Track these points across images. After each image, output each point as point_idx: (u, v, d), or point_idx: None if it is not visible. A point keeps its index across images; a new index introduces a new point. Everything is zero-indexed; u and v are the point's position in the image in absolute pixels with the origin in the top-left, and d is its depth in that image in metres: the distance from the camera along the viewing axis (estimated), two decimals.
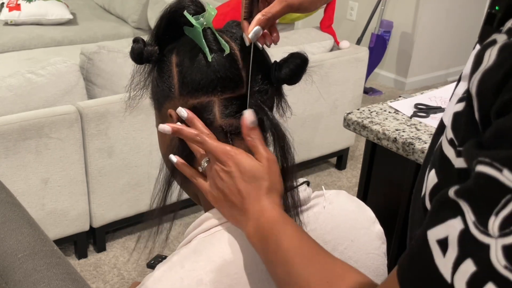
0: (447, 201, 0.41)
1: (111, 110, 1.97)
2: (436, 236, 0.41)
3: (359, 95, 2.75)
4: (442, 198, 0.42)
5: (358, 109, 1.40)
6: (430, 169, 0.53)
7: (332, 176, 2.87)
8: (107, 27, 3.62)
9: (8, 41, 3.24)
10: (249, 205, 0.64)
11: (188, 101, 0.67)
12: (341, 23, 4.19)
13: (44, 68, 1.95)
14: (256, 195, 0.64)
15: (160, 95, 0.71)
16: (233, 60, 0.67)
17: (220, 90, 0.67)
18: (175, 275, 0.63)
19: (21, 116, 1.83)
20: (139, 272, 2.13)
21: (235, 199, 0.65)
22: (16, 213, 1.01)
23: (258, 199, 0.64)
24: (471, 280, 0.38)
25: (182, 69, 0.68)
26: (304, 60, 0.70)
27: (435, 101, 1.44)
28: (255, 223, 0.63)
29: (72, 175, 1.99)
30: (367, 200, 1.52)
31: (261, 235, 0.62)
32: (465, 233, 0.39)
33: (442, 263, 0.40)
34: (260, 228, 0.62)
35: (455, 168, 0.48)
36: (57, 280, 0.86)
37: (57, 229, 2.04)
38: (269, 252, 0.61)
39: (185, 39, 0.69)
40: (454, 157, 0.48)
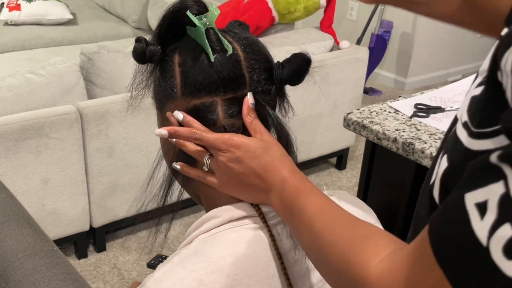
0: (488, 166, 0.41)
1: (111, 110, 1.97)
2: (475, 199, 0.41)
3: (359, 95, 2.75)
4: (482, 163, 0.42)
5: (358, 109, 1.40)
6: (442, 155, 0.54)
7: (332, 176, 2.87)
8: (107, 27, 3.62)
9: (8, 41, 3.24)
10: (269, 179, 0.64)
11: (190, 101, 0.67)
12: (341, 23, 4.19)
13: (44, 68, 1.95)
14: (272, 168, 0.65)
15: (162, 95, 0.70)
16: (236, 60, 0.67)
17: (222, 91, 0.66)
18: (175, 275, 0.63)
19: (21, 116, 1.83)
20: (139, 272, 2.13)
21: (253, 180, 0.65)
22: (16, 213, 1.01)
23: (275, 170, 0.64)
24: (508, 245, 0.38)
25: (184, 69, 0.68)
26: (307, 61, 0.70)
27: (435, 101, 1.43)
28: (280, 194, 0.64)
29: (72, 175, 1.99)
30: (367, 200, 1.52)
31: (287, 204, 0.63)
32: (506, 197, 0.39)
33: (479, 226, 0.40)
34: (285, 199, 0.63)
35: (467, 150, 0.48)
36: (57, 280, 0.86)
37: (57, 229, 2.04)
38: (295, 219, 0.62)
39: (188, 38, 0.69)
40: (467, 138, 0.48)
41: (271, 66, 0.70)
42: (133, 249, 2.25)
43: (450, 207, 0.43)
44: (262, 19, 2.65)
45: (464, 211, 0.41)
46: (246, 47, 0.69)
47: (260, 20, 2.63)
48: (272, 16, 2.69)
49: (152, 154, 2.11)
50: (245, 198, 0.68)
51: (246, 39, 0.70)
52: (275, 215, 0.69)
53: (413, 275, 0.47)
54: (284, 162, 0.65)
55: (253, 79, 0.68)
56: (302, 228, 0.61)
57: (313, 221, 0.59)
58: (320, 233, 0.58)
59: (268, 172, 0.64)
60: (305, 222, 0.60)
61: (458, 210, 0.42)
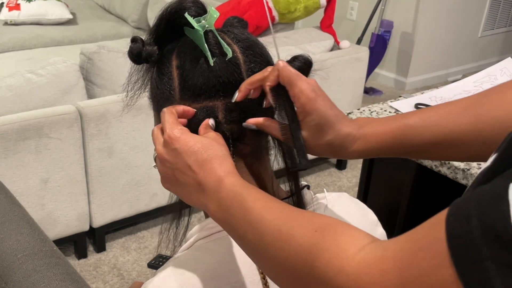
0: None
1: (111, 110, 1.97)
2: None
3: (359, 95, 2.75)
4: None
5: (358, 109, 1.40)
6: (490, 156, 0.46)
7: (332, 176, 2.87)
8: (107, 27, 3.62)
9: (7, 41, 3.24)
10: (204, 178, 0.59)
11: (189, 105, 0.66)
12: (341, 23, 4.19)
13: (44, 68, 1.95)
14: (209, 166, 0.59)
15: (160, 97, 0.69)
16: (236, 64, 0.66)
17: (222, 95, 0.65)
18: (174, 282, 0.63)
19: (21, 116, 1.83)
20: (139, 272, 2.13)
21: (188, 178, 0.60)
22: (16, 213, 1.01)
23: (212, 169, 0.58)
24: None
25: (182, 72, 0.66)
26: (308, 64, 0.69)
27: (435, 101, 1.43)
28: (216, 196, 0.57)
29: (71, 175, 1.99)
30: (367, 200, 1.51)
31: (225, 204, 0.56)
32: None
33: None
34: (222, 200, 0.57)
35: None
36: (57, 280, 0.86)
37: (57, 229, 2.04)
38: (236, 218, 0.55)
39: (185, 39, 0.68)
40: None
41: None
42: (133, 249, 2.25)
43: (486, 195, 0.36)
44: (262, 19, 2.64)
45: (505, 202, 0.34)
46: (245, 49, 0.67)
47: (260, 20, 2.63)
48: (272, 16, 2.69)
49: (152, 154, 2.11)
50: (182, 198, 0.64)
51: (246, 40, 0.68)
52: None
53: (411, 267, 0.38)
54: (222, 162, 0.59)
55: None
56: (245, 226, 0.53)
57: (261, 216, 0.52)
58: (270, 227, 0.51)
59: (204, 171, 0.59)
60: (249, 219, 0.53)
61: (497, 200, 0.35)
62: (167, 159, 0.62)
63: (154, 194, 2.21)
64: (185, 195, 0.63)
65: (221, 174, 0.58)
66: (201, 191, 0.59)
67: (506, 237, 0.33)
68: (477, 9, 4.18)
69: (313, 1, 2.68)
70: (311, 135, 0.64)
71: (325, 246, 0.45)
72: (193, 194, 0.61)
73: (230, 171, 0.59)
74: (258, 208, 0.53)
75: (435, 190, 1.35)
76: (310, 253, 0.46)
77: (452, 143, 0.63)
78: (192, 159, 0.60)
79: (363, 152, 0.66)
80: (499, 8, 4.33)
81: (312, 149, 0.66)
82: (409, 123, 0.65)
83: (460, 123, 0.63)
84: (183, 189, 0.62)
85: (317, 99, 0.63)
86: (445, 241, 0.36)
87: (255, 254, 0.54)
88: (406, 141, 0.64)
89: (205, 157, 0.59)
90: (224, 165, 0.59)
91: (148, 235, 2.33)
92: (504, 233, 0.33)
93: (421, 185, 1.35)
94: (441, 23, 4.00)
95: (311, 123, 0.64)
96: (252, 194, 0.55)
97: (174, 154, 0.61)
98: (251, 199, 0.55)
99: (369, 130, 0.65)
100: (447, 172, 1.15)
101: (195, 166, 0.59)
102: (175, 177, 0.62)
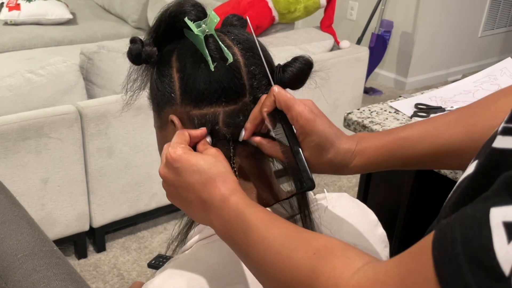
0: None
1: (111, 110, 1.97)
2: (503, 217, 0.34)
3: (359, 95, 2.75)
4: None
5: (358, 109, 1.40)
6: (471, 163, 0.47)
7: (332, 176, 2.87)
8: (107, 27, 3.62)
9: (7, 41, 3.24)
10: (208, 197, 0.59)
11: (191, 110, 0.66)
12: (341, 23, 4.19)
13: (44, 68, 1.95)
14: (212, 185, 0.59)
15: (160, 99, 0.69)
16: (236, 68, 0.65)
17: (224, 101, 0.65)
18: (174, 283, 0.62)
19: (21, 116, 1.83)
20: (139, 272, 2.13)
21: (191, 196, 0.60)
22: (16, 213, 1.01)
23: (215, 187, 0.59)
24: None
25: (183, 76, 0.66)
26: (308, 65, 0.68)
27: (435, 101, 1.43)
28: (220, 214, 0.58)
29: (71, 175, 1.99)
30: (367, 201, 1.51)
31: (228, 225, 0.57)
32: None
33: (504, 251, 0.33)
34: (225, 218, 0.57)
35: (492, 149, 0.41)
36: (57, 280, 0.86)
37: (57, 229, 2.04)
38: (239, 237, 0.56)
39: (186, 41, 0.67)
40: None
41: (272, 69, 0.68)
42: (133, 249, 2.25)
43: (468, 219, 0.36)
44: (262, 19, 2.64)
45: (486, 228, 0.34)
46: (246, 51, 0.67)
47: (260, 20, 2.63)
48: (272, 16, 2.69)
49: (152, 154, 2.11)
50: (188, 214, 0.65)
51: (246, 42, 0.68)
52: None
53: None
54: (225, 179, 0.59)
55: (253, 86, 0.66)
56: (247, 246, 0.55)
57: (262, 236, 0.53)
58: (271, 248, 0.52)
59: (207, 189, 0.59)
60: (251, 239, 0.54)
61: (478, 225, 0.35)
62: (169, 178, 0.62)
63: (154, 194, 2.21)
64: (189, 212, 0.63)
65: (225, 192, 0.58)
66: (206, 209, 0.60)
67: (489, 263, 0.33)
68: (477, 9, 4.18)
69: (313, 1, 2.68)
70: (313, 155, 0.65)
71: (322, 269, 0.47)
72: (198, 211, 0.61)
73: (233, 188, 0.59)
74: (259, 228, 0.54)
75: (435, 190, 1.35)
76: (308, 275, 0.48)
77: (447, 153, 0.65)
78: (195, 177, 0.60)
79: (362, 167, 0.67)
80: (499, 8, 4.33)
81: (314, 168, 0.66)
82: (404, 136, 0.66)
83: (454, 133, 0.65)
84: (188, 207, 0.62)
85: (316, 119, 0.65)
86: (432, 267, 0.37)
87: (257, 274, 0.56)
88: (402, 153, 0.66)
89: (208, 176, 0.59)
90: (228, 183, 0.59)
91: (148, 235, 2.33)
92: (487, 260, 0.34)
93: (421, 185, 1.35)
94: (441, 23, 4.00)
95: (312, 143, 0.65)
96: (253, 213, 0.56)
97: (176, 173, 0.61)
98: (252, 219, 0.55)
99: (366, 145, 0.67)
100: (447, 172, 1.15)
101: (198, 185, 0.60)
102: (179, 195, 0.62)
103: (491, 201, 0.36)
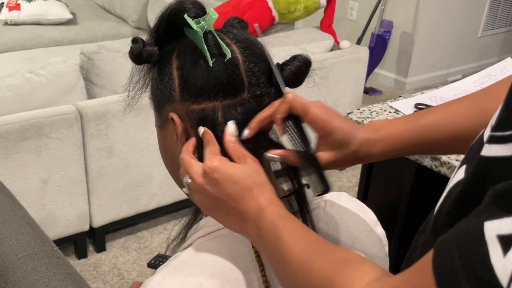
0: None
1: (111, 110, 1.97)
2: (497, 230, 0.35)
3: (359, 95, 2.75)
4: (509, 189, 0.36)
5: (358, 109, 1.40)
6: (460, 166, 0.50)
7: (332, 176, 2.87)
8: (107, 27, 3.62)
9: (7, 41, 3.24)
10: (245, 207, 0.61)
11: (190, 106, 0.66)
12: (341, 23, 4.19)
13: (44, 68, 1.95)
14: (250, 196, 0.61)
15: (160, 97, 0.70)
16: (235, 64, 0.66)
17: (222, 96, 0.65)
18: (174, 280, 0.63)
19: (21, 116, 1.83)
20: (139, 272, 2.13)
21: (229, 206, 0.61)
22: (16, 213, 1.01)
23: (253, 198, 0.60)
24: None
25: (183, 73, 0.67)
26: (306, 63, 0.69)
27: (435, 101, 1.43)
28: (256, 225, 0.60)
29: (71, 175, 1.99)
30: (367, 200, 1.52)
31: (263, 235, 0.59)
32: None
33: (500, 264, 0.34)
34: (261, 229, 0.59)
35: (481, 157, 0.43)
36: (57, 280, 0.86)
37: (57, 229, 2.04)
38: (271, 247, 0.58)
39: (186, 40, 0.68)
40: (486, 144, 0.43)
41: (271, 68, 0.69)
42: (133, 249, 2.25)
43: (464, 235, 0.37)
44: (262, 19, 2.65)
45: (482, 242, 0.35)
46: (245, 50, 0.67)
47: (260, 20, 2.63)
48: (272, 16, 2.69)
49: (152, 154, 2.11)
50: (224, 225, 0.66)
51: (245, 41, 0.68)
52: None
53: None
54: (263, 190, 0.61)
55: (252, 83, 0.66)
56: (276, 255, 0.57)
57: (290, 246, 0.56)
58: (297, 258, 0.55)
59: (244, 200, 0.60)
60: (280, 249, 0.57)
61: (474, 240, 0.36)
62: (207, 189, 0.62)
63: (154, 194, 2.21)
64: (226, 222, 0.65)
65: (262, 203, 0.60)
66: (243, 220, 0.61)
67: (487, 277, 0.34)
68: (477, 9, 4.18)
69: (313, 1, 2.68)
70: (337, 151, 0.68)
71: (339, 279, 0.51)
72: (235, 222, 0.63)
73: (270, 198, 0.61)
74: (289, 239, 0.57)
75: (435, 190, 1.35)
76: (325, 285, 0.51)
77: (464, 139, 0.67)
78: (232, 188, 0.61)
79: (384, 154, 0.70)
80: (499, 8, 4.33)
81: (342, 163, 0.69)
82: (424, 124, 0.69)
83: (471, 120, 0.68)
84: (225, 217, 0.64)
85: (332, 118, 0.67)
86: (434, 283, 0.38)
87: (284, 283, 0.59)
88: (422, 141, 0.69)
89: (245, 186, 0.61)
90: (265, 193, 0.61)
91: (148, 235, 2.33)
92: (485, 274, 0.35)
93: (421, 185, 1.35)
94: (441, 23, 4.00)
95: (335, 141, 0.67)
96: (286, 225, 0.58)
97: (214, 183, 0.61)
98: (284, 231, 0.57)
99: (386, 133, 0.70)
100: (447, 172, 1.16)
101: (236, 195, 0.61)
102: (216, 206, 0.63)
103: (484, 216, 0.36)
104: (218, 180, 0.61)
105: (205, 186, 0.62)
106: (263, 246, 0.60)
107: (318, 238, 0.57)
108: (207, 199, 0.63)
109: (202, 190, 0.63)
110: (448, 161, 1.15)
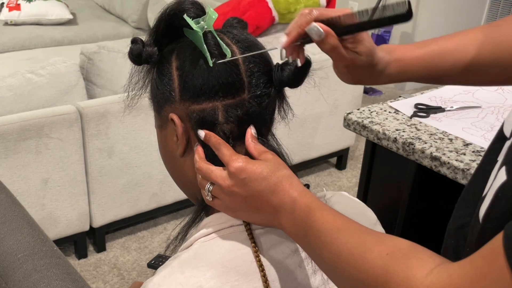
0: None
1: (111, 110, 1.97)
2: None
3: (359, 95, 2.75)
4: None
5: (358, 109, 1.40)
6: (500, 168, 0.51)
7: (332, 176, 2.87)
8: (107, 27, 3.62)
9: (8, 41, 3.24)
10: (277, 201, 0.62)
11: (189, 106, 0.66)
12: None
13: (44, 68, 1.95)
14: (281, 189, 0.62)
15: (160, 98, 0.69)
16: (235, 64, 0.66)
17: (222, 96, 0.65)
18: (174, 281, 0.63)
19: (21, 116, 1.83)
20: (139, 272, 2.13)
21: (261, 202, 0.62)
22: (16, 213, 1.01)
23: (284, 191, 0.61)
24: None
25: (182, 73, 0.67)
26: (307, 63, 0.69)
27: (435, 101, 1.43)
28: (291, 216, 0.61)
29: (72, 175, 1.99)
30: (367, 200, 1.52)
31: (300, 225, 0.60)
32: None
33: None
34: (297, 219, 0.60)
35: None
36: (57, 280, 0.86)
37: (57, 229, 2.04)
38: (312, 239, 0.59)
39: (185, 40, 0.68)
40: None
41: (270, 68, 0.69)
42: (133, 249, 2.25)
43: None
44: (262, 19, 2.65)
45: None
46: (244, 50, 0.67)
47: (260, 20, 2.63)
48: (272, 16, 2.69)
49: (152, 154, 2.11)
50: (254, 222, 0.66)
51: (245, 41, 0.68)
52: None
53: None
54: (291, 182, 0.62)
55: (252, 84, 0.66)
56: (321, 247, 0.58)
57: (334, 238, 0.56)
58: (345, 250, 0.55)
59: (276, 194, 0.62)
60: (324, 240, 0.57)
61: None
62: (236, 190, 0.63)
63: (154, 194, 2.21)
64: (258, 219, 0.65)
65: (294, 194, 0.61)
66: (276, 213, 0.62)
67: None
68: (477, 9, 4.18)
69: (313, 2, 2.68)
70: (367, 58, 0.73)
71: (396, 269, 0.50)
72: (268, 217, 0.63)
73: (301, 190, 0.62)
74: (331, 229, 0.57)
75: (435, 190, 1.35)
76: (382, 275, 0.50)
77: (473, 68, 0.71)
78: (263, 184, 0.62)
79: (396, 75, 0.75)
80: (499, 8, 4.33)
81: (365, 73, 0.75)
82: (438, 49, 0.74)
83: (482, 50, 0.71)
84: (256, 214, 0.64)
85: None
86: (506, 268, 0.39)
87: (331, 274, 0.58)
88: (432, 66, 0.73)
89: (275, 181, 0.62)
90: (294, 185, 0.62)
91: (148, 235, 2.33)
92: None
93: (421, 185, 1.35)
94: (441, 23, 4.00)
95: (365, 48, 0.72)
96: (324, 215, 0.59)
97: (244, 183, 0.62)
98: (323, 220, 0.58)
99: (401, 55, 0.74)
100: (446, 172, 1.16)
101: (268, 191, 0.62)
102: (246, 205, 0.64)
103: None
104: (247, 179, 0.62)
105: (233, 188, 0.63)
106: (303, 239, 0.60)
107: (361, 227, 0.57)
108: (236, 199, 0.64)
109: (230, 192, 0.63)
110: (448, 161, 1.15)
